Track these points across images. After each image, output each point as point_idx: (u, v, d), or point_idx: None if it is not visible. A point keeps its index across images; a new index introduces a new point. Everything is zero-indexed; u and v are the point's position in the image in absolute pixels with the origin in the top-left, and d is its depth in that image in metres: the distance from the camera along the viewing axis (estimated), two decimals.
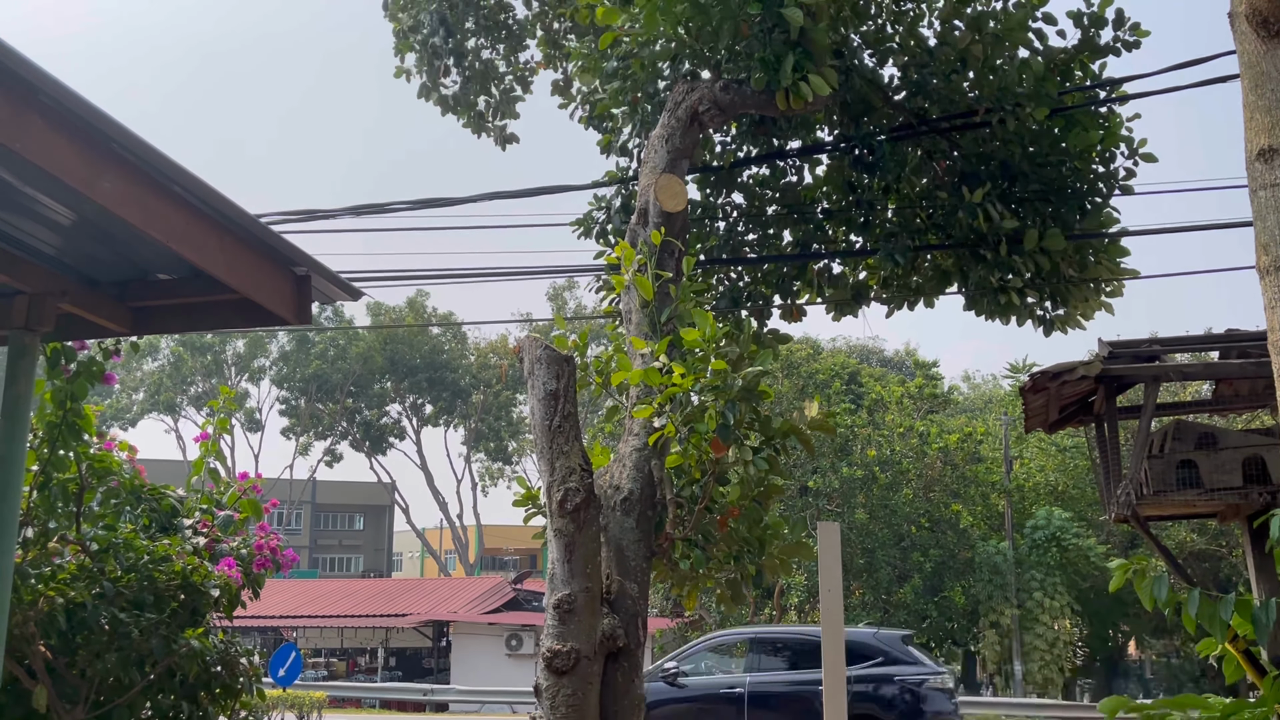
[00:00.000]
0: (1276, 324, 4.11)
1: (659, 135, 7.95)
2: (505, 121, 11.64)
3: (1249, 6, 4.24)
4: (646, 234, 7.18)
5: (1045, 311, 8.92)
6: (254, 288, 4.09)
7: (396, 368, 50.44)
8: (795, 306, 10.16)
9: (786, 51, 7.28)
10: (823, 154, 9.84)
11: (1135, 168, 8.49)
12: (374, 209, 9.54)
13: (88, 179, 3.32)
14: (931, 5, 9.73)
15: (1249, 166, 4.28)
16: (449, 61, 10.97)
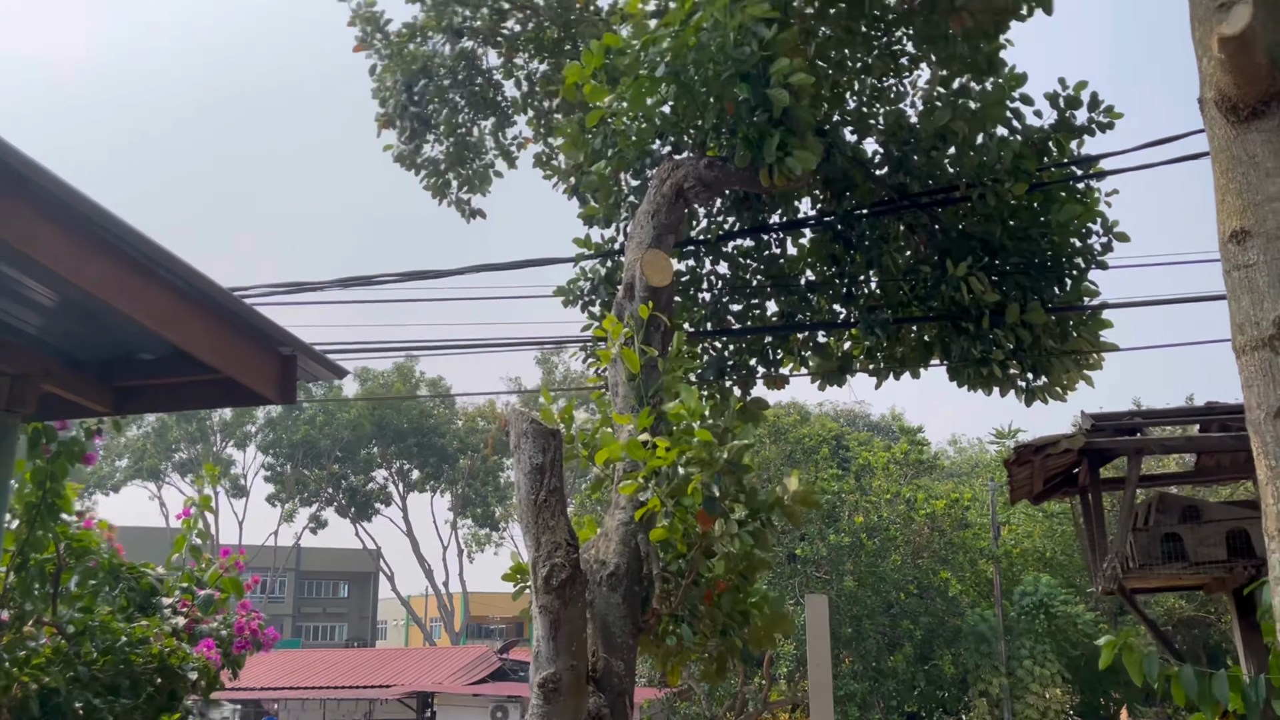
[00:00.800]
0: (1254, 402, 4.15)
1: (645, 211, 8.04)
2: (472, 196, 11.79)
3: (1218, 92, 4.34)
4: (633, 308, 7.23)
5: (1026, 383, 8.99)
6: (238, 368, 4.09)
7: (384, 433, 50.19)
8: (779, 376, 10.21)
9: (770, 129, 7.40)
10: (806, 227, 9.97)
11: (1110, 245, 8.64)
12: (362, 281, 9.59)
13: (74, 265, 3.34)
14: (913, 84, 9.96)
15: (1222, 248, 4.35)
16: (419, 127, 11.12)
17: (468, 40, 11.24)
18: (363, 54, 11.38)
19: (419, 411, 50.98)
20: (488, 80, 11.44)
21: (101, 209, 3.36)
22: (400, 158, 11.34)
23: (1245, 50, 4.04)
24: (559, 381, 48.39)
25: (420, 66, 10.86)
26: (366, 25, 11.14)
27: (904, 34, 9.59)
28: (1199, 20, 4.41)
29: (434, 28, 10.99)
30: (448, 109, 11.25)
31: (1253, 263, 4.14)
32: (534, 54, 11.61)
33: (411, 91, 10.86)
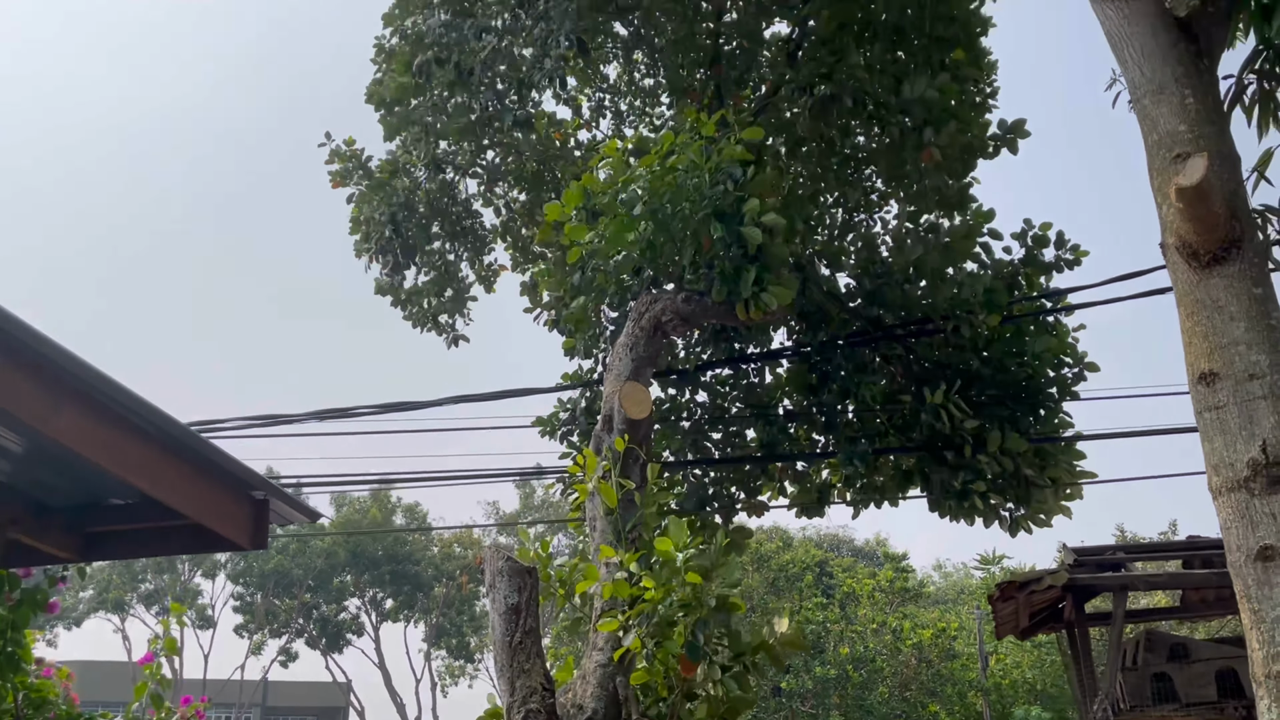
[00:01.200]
0: (1234, 545, 4.14)
1: (623, 344, 8.11)
2: (454, 319, 11.86)
3: (1178, 239, 4.47)
4: (610, 440, 7.20)
5: (1009, 513, 8.97)
6: (209, 515, 4.02)
7: (358, 560, 49.19)
8: (759, 504, 10.16)
9: (745, 265, 7.54)
10: (783, 358, 10.07)
11: (1083, 375, 8.76)
12: (338, 413, 9.56)
13: (45, 415, 3.31)
14: (883, 220, 10.24)
15: (1192, 388, 4.41)
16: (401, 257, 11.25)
17: (447, 172, 11.49)
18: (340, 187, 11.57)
19: (393, 539, 50.14)
20: (466, 209, 11.66)
21: (74, 357, 3.35)
22: (382, 288, 11.45)
23: (1202, 200, 4.18)
24: (538, 506, 47.86)
25: (403, 199, 11.07)
26: (348, 163, 11.36)
27: (873, 172, 9.90)
28: (1156, 170, 4.58)
29: (415, 162, 11.24)
30: (426, 238, 11.43)
31: (1223, 404, 4.20)
32: (513, 184, 11.88)
33: (396, 223, 11.03)
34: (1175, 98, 4.45)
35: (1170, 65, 4.49)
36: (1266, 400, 4.09)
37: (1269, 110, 5.18)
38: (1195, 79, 4.51)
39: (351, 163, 11.40)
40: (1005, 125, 9.10)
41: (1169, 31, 4.60)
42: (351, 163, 11.40)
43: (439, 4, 10.16)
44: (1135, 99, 4.65)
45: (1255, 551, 3.99)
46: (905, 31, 9.08)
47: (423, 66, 9.74)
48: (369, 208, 11.14)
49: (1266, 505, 4.00)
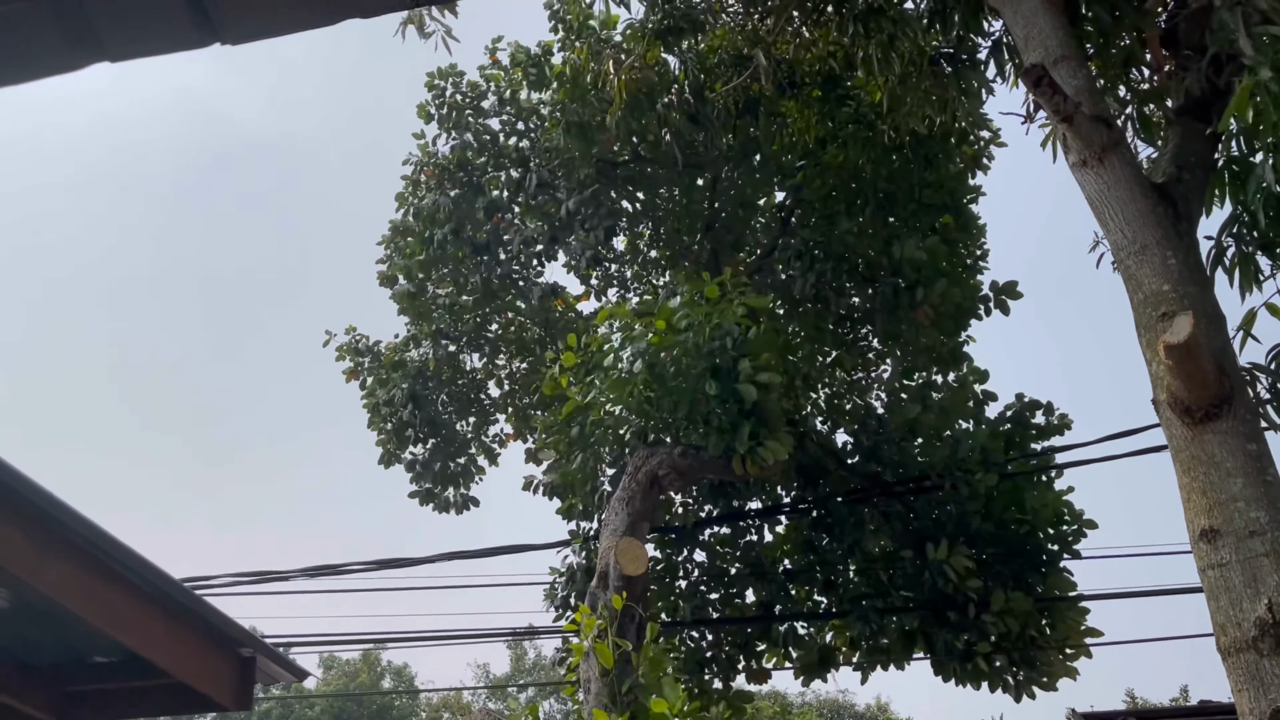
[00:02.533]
0: (1246, 708, 4.02)
1: (619, 498, 8.07)
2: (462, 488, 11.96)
3: (1170, 395, 4.51)
4: (607, 598, 7.08)
5: (1013, 676, 8.71)
6: (194, 674, 3.92)
7: None
8: (761, 670, 9.88)
9: (742, 421, 7.59)
10: (781, 515, 10.00)
11: (1083, 533, 8.68)
12: (330, 570, 9.42)
13: (34, 566, 3.27)
14: (879, 377, 10.37)
15: (1194, 546, 4.37)
16: (414, 433, 11.42)
17: (451, 345, 11.80)
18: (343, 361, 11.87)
19: (380, 706, 48.38)
20: (471, 380, 11.90)
21: (66, 506, 3.33)
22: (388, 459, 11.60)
23: (1191, 357, 4.24)
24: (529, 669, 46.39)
25: (416, 374, 11.35)
26: (356, 356, 11.74)
27: (869, 331, 10.09)
28: (1144, 328, 4.66)
29: (426, 334, 11.57)
30: (436, 412, 11.67)
31: (1225, 561, 4.15)
32: (514, 354, 12.15)
33: (417, 399, 11.26)
34: (1157, 258, 4.59)
35: (1151, 228, 4.64)
36: (1269, 558, 4.05)
37: (1250, 272, 5.33)
38: (1176, 240, 4.65)
39: (361, 352, 11.77)
40: (997, 287, 9.33)
41: (1147, 196, 4.77)
42: (361, 352, 11.77)
43: (448, 183, 10.68)
44: (1119, 260, 4.79)
45: (1268, 715, 3.87)
46: (895, 198, 9.42)
47: (440, 241, 10.15)
48: (383, 391, 11.41)
49: (1276, 666, 3.90)
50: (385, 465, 11.43)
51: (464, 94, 11.00)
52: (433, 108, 11.02)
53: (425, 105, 10.99)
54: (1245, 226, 5.44)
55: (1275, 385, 5.33)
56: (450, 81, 11.01)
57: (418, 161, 10.92)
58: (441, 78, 10.99)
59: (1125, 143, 5.03)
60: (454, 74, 11.01)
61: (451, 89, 11.01)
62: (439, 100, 11.00)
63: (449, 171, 10.60)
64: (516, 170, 10.43)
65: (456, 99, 10.95)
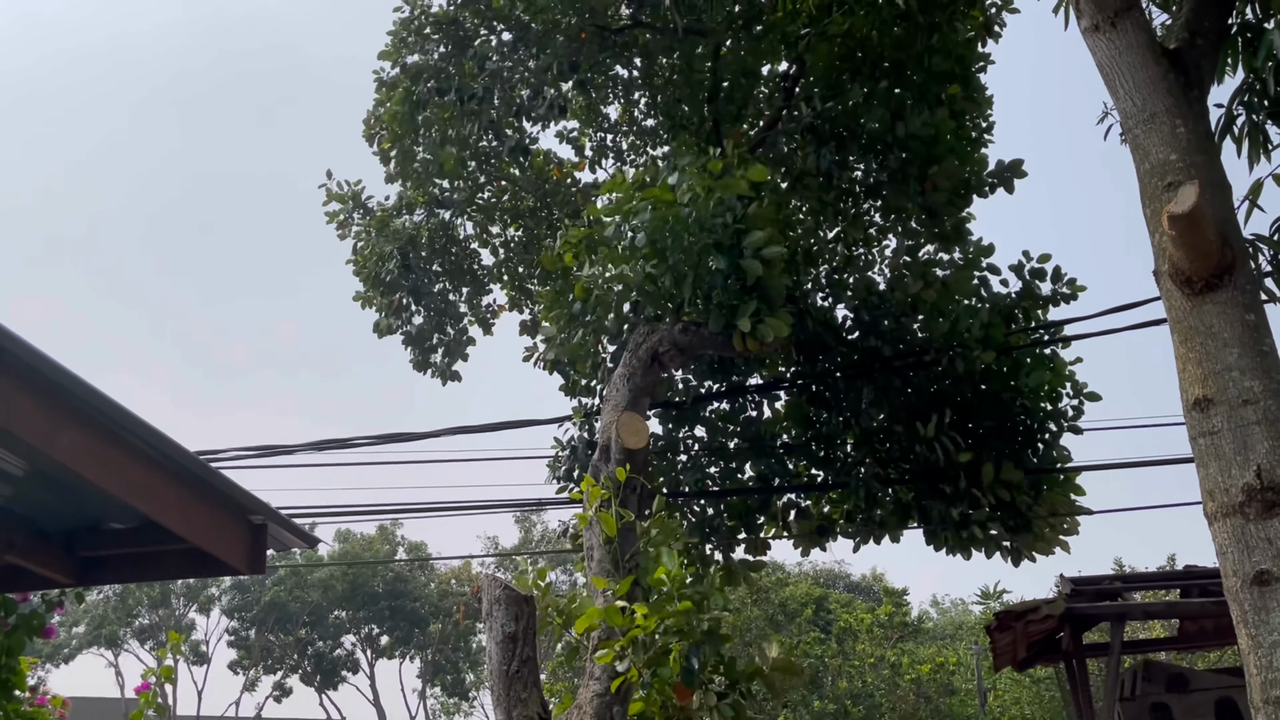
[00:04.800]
0: (1230, 570, 4.15)
1: (621, 374, 8.14)
2: (452, 360, 11.90)
3: (1172, 266, 4.52)
4: (609, 470, 7.21)
5: (1010, 542, 8.93)
6: (207, 538, 4.03)
7: (356, 595, 48.83)
8: (761, 540, 10.12)
9: (743, 297, 7.59)
10: (781, 390, 10.09)
11: (1081, 407, 8.76)
12: (336, 444, 9.56)
13: (47, 434, 3.32)
14: (881, 253, 10.30)
15: (1186, 415, 4.44)
16: (409, 299, 11.31)
17: (444, 212, 11.57)
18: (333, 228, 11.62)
19: (394, 574, 49.84)
20: (464, 249, 11.73)
21: (77, 378, 3.37)
22: (383, 329, 11.50)
23: (1194, 227, 4.23)
24: (537, 541, 47.60)
25: (407, 239, 11.14)
26: (349, 203, 11.43)
27: (871, 206, 9.98)
28: (1149, 198, 4.63)
29: (418, 200, 11.32)
30: (428, 279, 11.50)
31: (1217, 429, 4.22)
32: (509, 222, 11.97)
33: (407, 261, 11.09)
34: (1166, 127, 4.52)
35: (1161, 95, 4.56)
36: (1260, 426, 4.12)
37: (1258, 141, 5.25)
38: (1185, 109, 4.58)
39: (350, 203, 11.47)
40: (1003, 165, 9.19)
41: (1159, 63, 4.67)
42: (350, 203, 11.47)
43: (437, 38, 10.27)
44: (1127, 129, 4.72)
45: (1251, 576, 3.99)
46: (902, 67, 9.19)
47: (423, 96, 9.84)
48: (373, 247, 11.21)
49: (1262, 530, 4.01)
50: (380, 334, 11.41)
51: None
52: None
53: None
54: (1256, 95, 5.35)
55: (1277, 257, 5.31)
56: None
57: (404, 18, 10.51)
58: None
59: (1139, 7, 4.89)
60: None
61: None
62: None
63: (439, 25, 10.22)
64: (508, 30, 10.07)
65: None
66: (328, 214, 11.44)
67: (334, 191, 11.44)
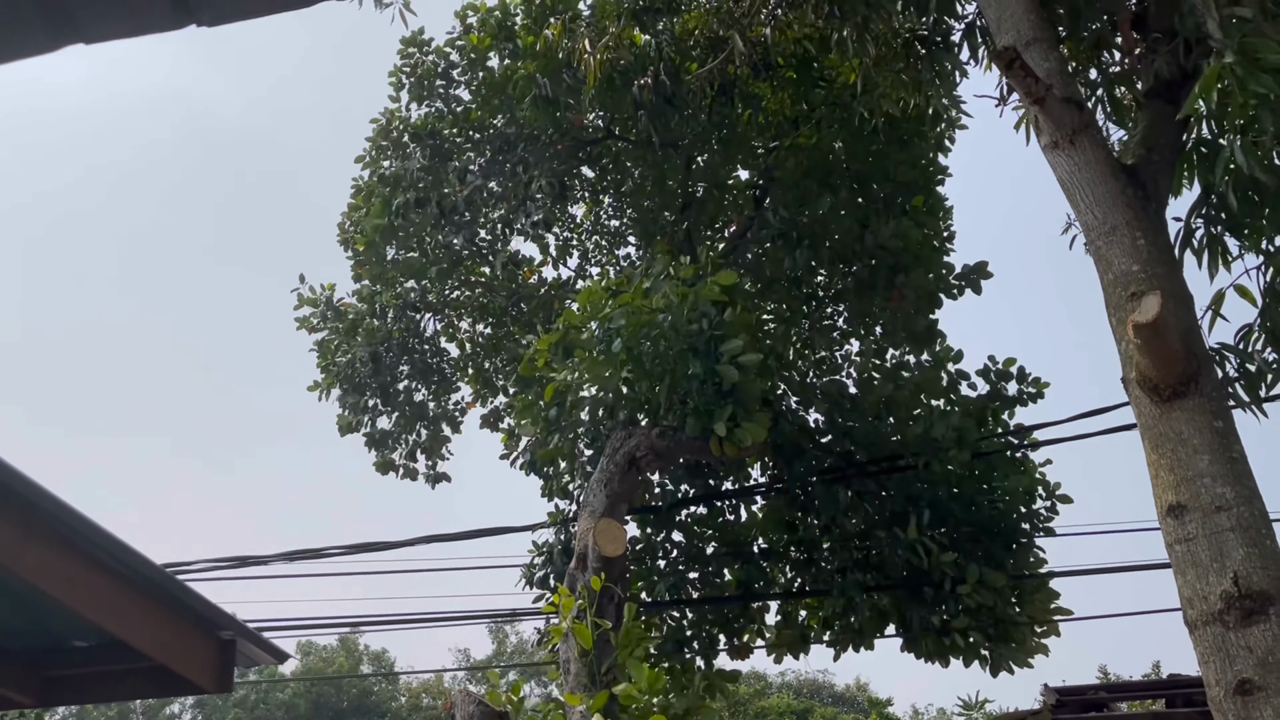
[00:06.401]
0: (1213, 679, 4.12)
1: (598, 479, 8.11)
2: (433, 461, 11.83)
3: (1139, 374, 4.60)
4: (586, 579, 7.12)
5: (989, 651, 8.83)
6: (174, 656, 3.92)
7: (321, 712, 47.21)
8: (743, 645, 9.97)
9: (719, 402, 7.63)
10: (758, 495, 10.07)
11: (1056, 510, 8.81)
12: (309, 554, 9.41)
13: (14, 551, 3.26)
14: (846, 356, 10.45)
15: (1161, 521, 4.46)
16: (377, 401, 11.28)
17: (415, 314, 11.63)
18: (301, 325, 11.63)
19: (359, 689, 48.36)
20: (432, 347, 11.76)
21: (45, 492, 3.33)
22: (347, 427, 11.43)
23: (1159, 336, 4.32)
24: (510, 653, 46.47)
25: (380, 339, 11.16)
26: (321, 306, 11.49)
27: (835, 311, 10.17)
28: (1114, 308, 4.74)
29: (390, 302, 11.39)
30: (392, 378, 11.49)
31: (1192, 536, 4.24)
32: (477, 318, 12.03)
33: (379, 362, 11.08)
34: (1127, 239, 4.65)
35: (1120, 209, 4.71)
36: (1234, 532, 4.14)
37: (1218, 252, 5.41)
38: (1145, 222, 4.72)
39: (323, 305, 11.53)
40: (969, 268, 9.42)
41: (1117, 178, 4.84)
42: (323, 305, 11.53)
43: (414, 149, 10.49)
44: (1090, 240, 4.86)
45: (1234, 685, 3.96)
46: (868, 178, 9.47)
47: (401, 208, 9.98)
48: (342, 350, 11.21)
49: (1242, 639, 3.99)
50: (342, 433, 11.33)
51: (434, 61, 10.76)
52: (404, 75, 10.82)
53: (397, 70, 10.79)
54: (1214, 208, 5.53)
55: (1243, 365, 5.42)
56: (421, 49, 10.81)
57: (382, 126, 10.71)
58: (413, 45, 10.79)
59: (1096, 125, 5.09)
60: (425, 42, 10.80)
61: (421, 56, 10.79)
62: (410, 67, 10.78)
63: (419, 137, 10.43)
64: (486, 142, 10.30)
65: (427, 64, 10.72)
66: (298, 319, 11.47)
67: (305, 297, 11.50)
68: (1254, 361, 5.31)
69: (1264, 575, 4.04)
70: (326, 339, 11.41)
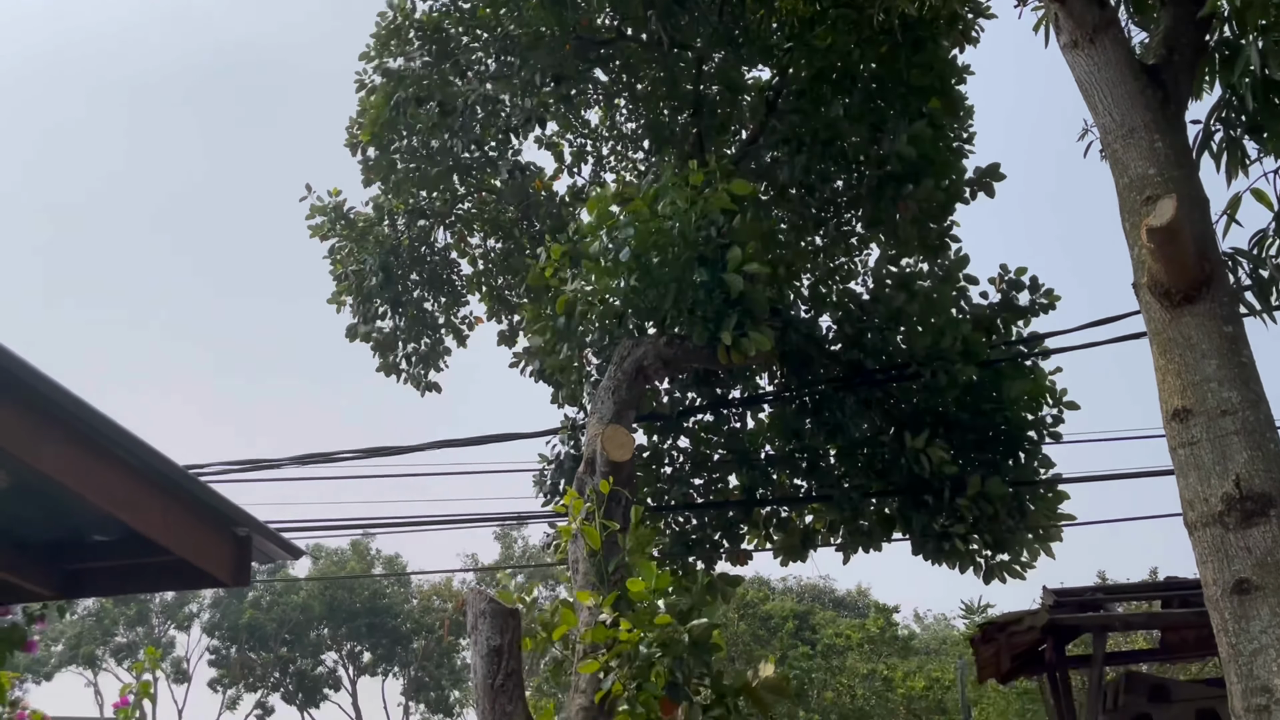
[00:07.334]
0: (1210, 579, 4.19)
1: (606, 387, 8.16)
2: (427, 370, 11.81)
3: (1150, 279, 4.58)
4: (594, 483, 7.22)
5: (985, 559, 8.96)
6: (192, 550, 4.01)
7: (335, 613, 48.44)
8: (742, 552, 10.14)
9: (727, 311, 7.63)
10: (765, 403, 10.13)
11: (1062, 417, 8.84)
12: (320, 458, 9.54)
13: (32, 447, 3.31)
14: (863, 263, 10.37)
15: (1166, 425, 4.49)
16: (384, 307, 11.27)
17: (424, 220, 11.54)
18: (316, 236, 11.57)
19: (371, 592, 49.50)
20: (443, 259, 11.70)
21: (62, 388, 3.36)
22: (357, 334, 11.45)
23: (1172, 240, 4.29)
24: (519, 557, 47.40)
25: (390, 248, 11.12)
26: (331, 214, 11.42)
27: (853, 216, 10.06)
28: (1128, 212, 4.70)
29: (398, 209, 11.32)
30: (406, 287, 11.46)
31: (1196, 440, 4.27)
32: (489, 233, 11.95)
33: (389, 270, 11.05)
34: (1144, 142, 4.59)
35: (1139, 110, 4.63)
36: (1239, 436, 4.17)
37: (1236, 156, 5.33)
38: (1164, 124, 4.65)
39: (333, 213, 11.46)
40: (981, 170, 9.28)
41: (1137, 79, 4.74)
42: (333, 213, 11.46)
43: (419, 45, 10.27)
44: (1106, 144, 4.79)
45: (1231, 585, 4.04)
46: (883, 80, 9.27)
47: (401, 104, 9.83)
48: (354, 257, 11.18)
49: (1241, 539, 4.05)
50: (350, 339, 11.36)
51: None
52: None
53: None
54: (1233, 110, 5.42)
55: (1256, 270, 5.38)
56: None
57: (388, 21, 10.46)
58: None
59: (1118, 23, 4.98)
60: None
61: None
62: None
63: (424, 34, 10.20)
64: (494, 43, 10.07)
65: None
66: (311, 228, 11.40)
67: (316, 205, 11.42)
68: (1267, 267, 5.27)
69: (1266, 478, 4.08)
70: (338, 245, 11.38)
